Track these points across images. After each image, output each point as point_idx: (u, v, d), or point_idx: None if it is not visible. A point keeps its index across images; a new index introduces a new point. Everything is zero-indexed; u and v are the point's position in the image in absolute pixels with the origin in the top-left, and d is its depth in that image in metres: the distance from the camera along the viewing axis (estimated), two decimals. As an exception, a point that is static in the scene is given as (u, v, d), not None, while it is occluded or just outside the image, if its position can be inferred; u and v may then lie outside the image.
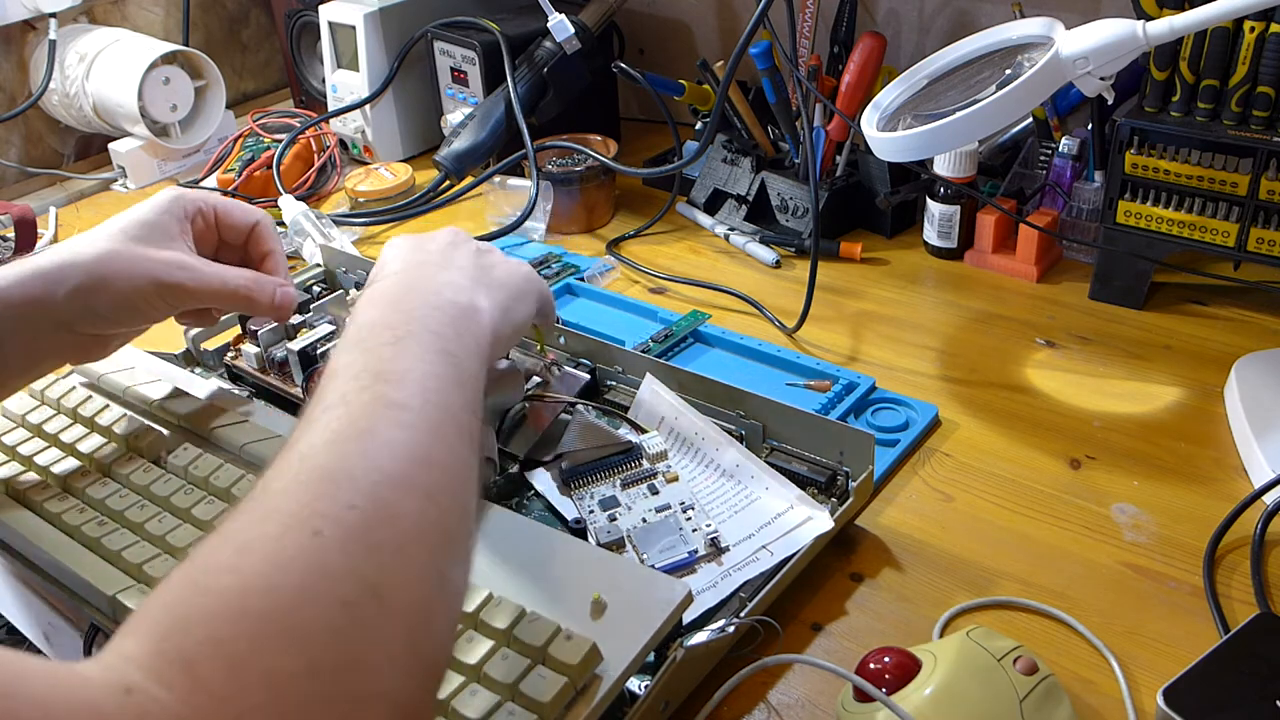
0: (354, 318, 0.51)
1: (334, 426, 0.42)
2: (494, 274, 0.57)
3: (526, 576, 0.54)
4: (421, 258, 0.56)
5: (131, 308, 0.61)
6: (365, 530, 0.37)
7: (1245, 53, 0.75)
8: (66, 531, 0.61)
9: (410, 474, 0.41)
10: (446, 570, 0.40)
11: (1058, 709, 0.51)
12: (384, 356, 0.46)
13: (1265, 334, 0.83)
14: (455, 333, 0.50)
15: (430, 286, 0.53)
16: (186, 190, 0.67)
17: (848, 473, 0.65)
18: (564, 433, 0.68)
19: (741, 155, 1.05)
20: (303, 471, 0.40)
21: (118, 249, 0.61)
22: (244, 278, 0.64)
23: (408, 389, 0.44)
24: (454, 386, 0.46)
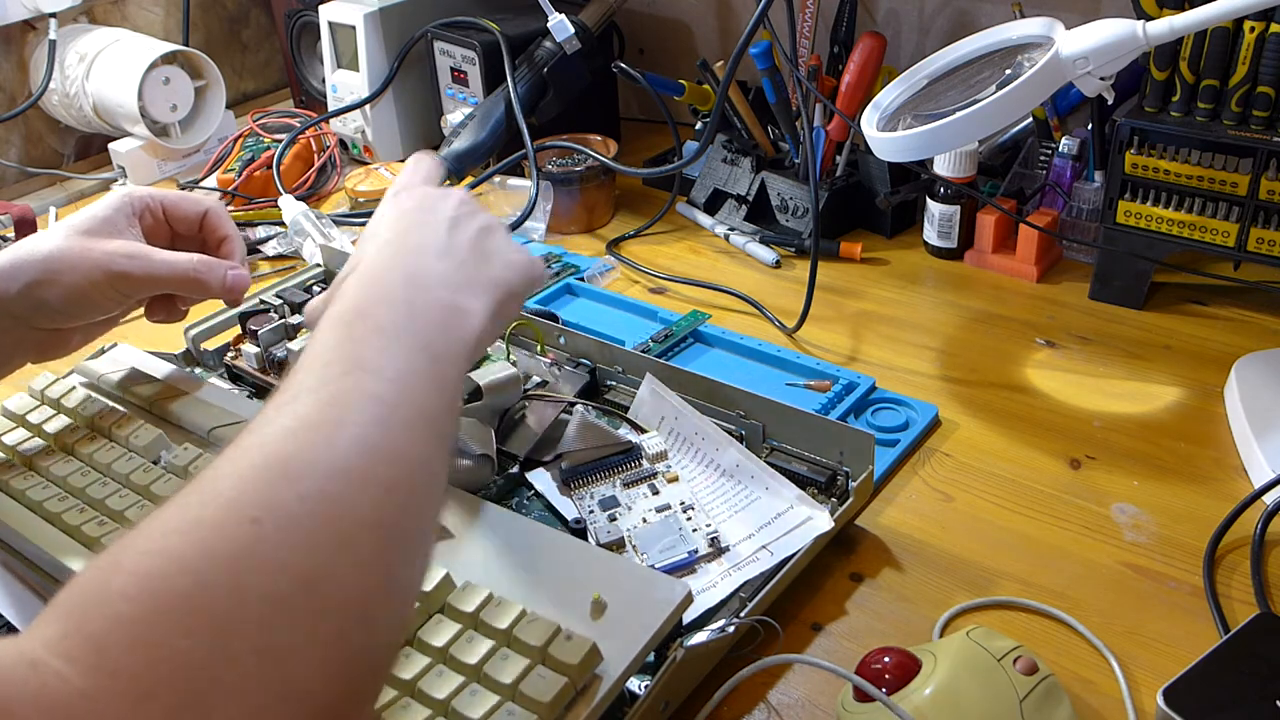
0: (342, 293, 0.49)
1: (302, 412, 0.41)
2: (491, 267, 0.55)
3: (526, 576, 0.54)
4: (420, 238, 0.53)
5: (84, 299, 0.62)
6: (309, 522, 0.36)
7: (1245, 53, 0.75)
8: (66, 531, 0.61)
9: (373, 469, 0.39)
10: (396, 569, 0.39)
11: (1058, 709, 0.51)
12: (368, 344, 0.45)
13: (1265, 334, 0.83)
14: (442, 334, 0.49)
15: (423, 278, 0.51)
16: (135, 188, 0.69)
17: (848, 473, 0.65)
18: (564, 433, 0.68)
19: (741, 155, 1.05)
20: (258, 458, 0.38)
21: (68, 243, 0.62)
22: (192, 261, 0.65)
23: (386, 382, 0.43)
24: (434, 388, 0.45)
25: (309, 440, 0.39)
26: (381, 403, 0.42)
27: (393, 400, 0.42)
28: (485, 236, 0.57)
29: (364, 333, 0.46)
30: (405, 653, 0.51)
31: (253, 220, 1.08)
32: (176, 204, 0.69)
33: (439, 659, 0.50)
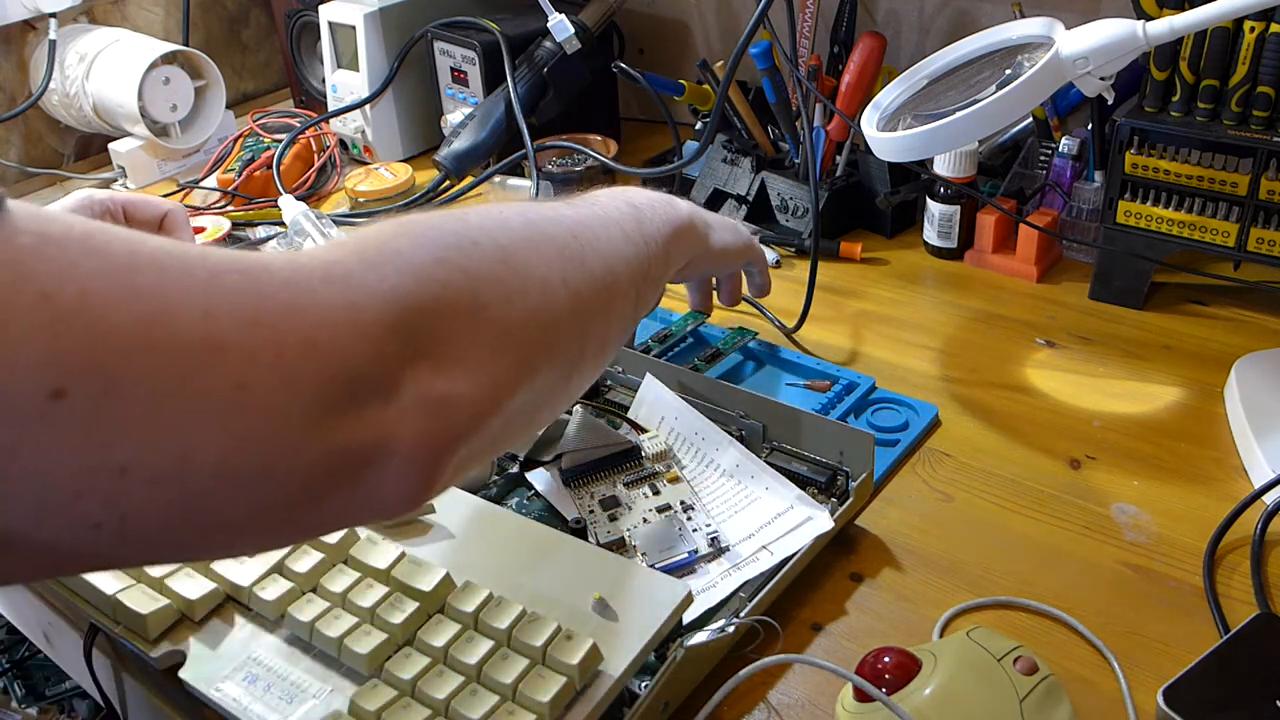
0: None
1: (572, 214, 0.48)
2: (708, 214, 0.63)
3: (526, 576, 0.54)
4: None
5: None
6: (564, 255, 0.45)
7: (1245, 53, 0.75)
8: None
9: (613, 269, 0.48)
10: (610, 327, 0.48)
11: (1058, 709, 0.51)
12: (576, 201, 0.52)
13: (1265, 334, 0.83)
14: (649, 203, 0.56)
15: (630, 192, 0.57)
16: (95, 191, 0.70)
17: (848, 473, 0.65)
18: (564, 433, 0.68)
19: (741, 155, 1.05)
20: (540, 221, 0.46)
21: None
22: None
23: (584, 210, 0.50)
24: (634, 239, 0.52)
25: (581, 229, 0.48)
26: (623, 233, 0.51)
27: (593, 226, 0.49)
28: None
29: (624, 204, 0.54)
30: (405, 653, 0.51)
31: (253, 220, 1.08)
32: (136, 206, 0.71)
33: (439, 659, 0.50)
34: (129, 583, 0.58)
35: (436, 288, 0.38)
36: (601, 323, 0.47)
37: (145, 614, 0.54)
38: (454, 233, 0.41)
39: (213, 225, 1.03)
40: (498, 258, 0.41)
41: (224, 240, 1.02)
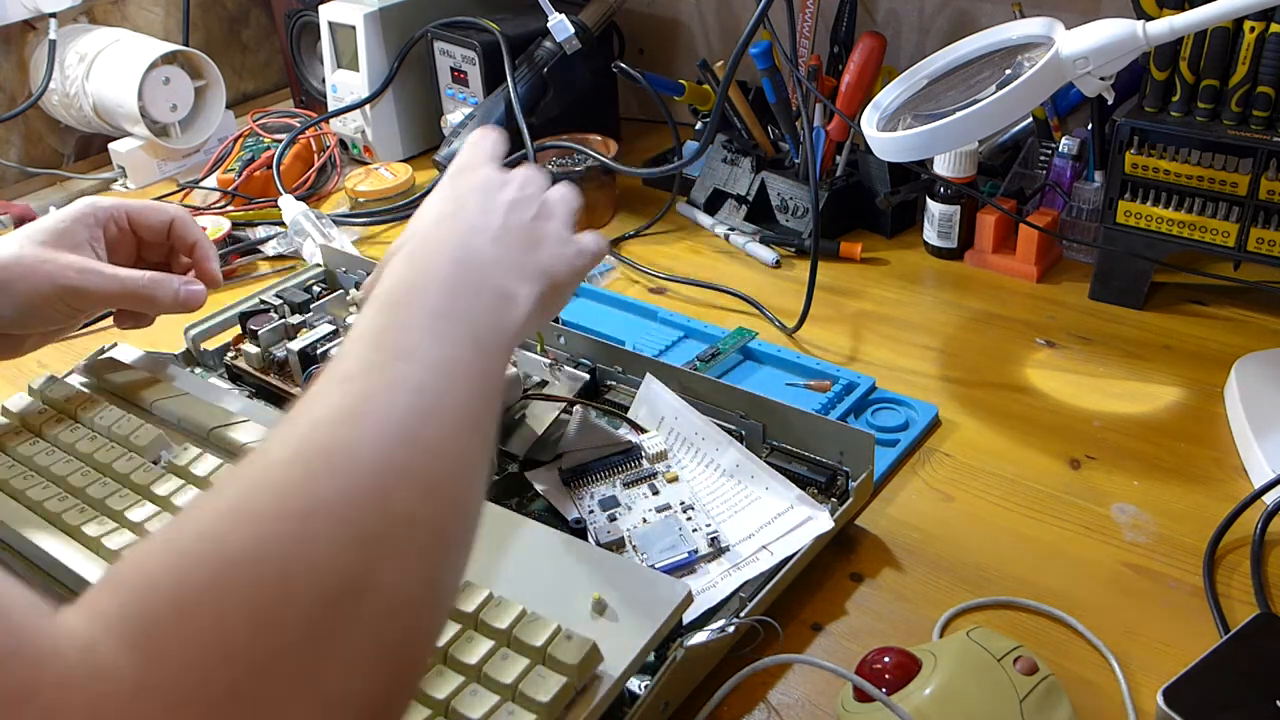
0: (391, 270, 0.49)
1: (349, 400, 0.40)
2: (541, 257, 0.55)
3: (526, 576, 0.54)
4: (474, 219, 0.53)
5: (34, 311, 0.63)
6: (356, 518, 0.36)
7: (1245, 53, 0.75)
8: (67, 532, 0.61)
9: (417, 465, 0.39)
10: (437, 572, 0.39)
11: (1058, 709, 0.51)
12: (411, 330, 0.45)
13: (1265, 334, 0.83)
14: (489, 321, 0.48)
15: (473, 260, 0.51)
16: (99, 199, 0.68)
17: (848, 473, 0.65)
18: (564, 433, 0.68)
19: (741, 155, 1.05)
20: (307, 444, 0.38)
21: (21, 254, 0.63)
22: (142, 279, 0.65)
23: (429, 373, 0.43)
24: (477, 377, 0.45)
25: (354, 431, 0.39)
26: (425, 393, 0.42)
27: (436, 390, 0.42)
28: (541, 222, 0.57)
29: (410, 317, 0.46)
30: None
31: (253, 220, 1.08)
32: (141, 213, 0.69)
33: (439, 659, 0.50)
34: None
35: (273, 703, 0.32)
36: (456, 574, 0.41)
37: (145, 614, 0.54)
38: (301, 593, 0.33)
39: (213, 225, 1.03)
40: (349, 611, 0.34)
41: (224, 240, 1.02)
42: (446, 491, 0.40)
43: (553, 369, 0.74)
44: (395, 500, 0.38)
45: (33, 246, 0.63)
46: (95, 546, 0.60)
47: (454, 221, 0.53)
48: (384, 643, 0.35)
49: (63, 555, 0.60)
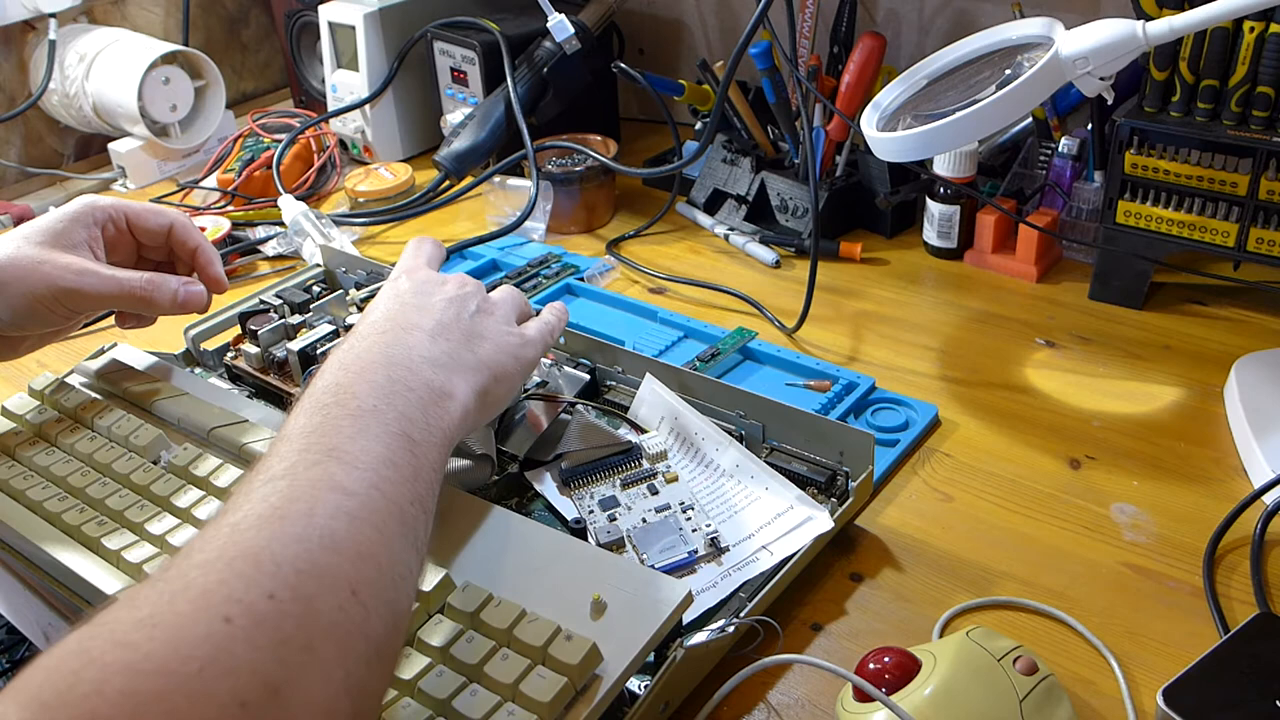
0: (322, 374, 0.49)
1: (272, 501, 0.40)
2: (481, 350, 0.55)
3: (526, 576, 0.54)
4: (412, 318, 0.53)
5: (30, 312, 0.62)
6: (278, 623, 0.36)
7: (1245, 53, 0.75)
8: (67, 531, 0.61)
9: (339, 567, 0.39)
10: (361, 673, 0.38)
11: (1058, 709, 0.51)
12: (342, 429, 0.44)
13: (1265, 334, 0.83)
14: (423, 417, 0.48)
15: (409, 360, 0.50)
16: (98, 198, 0.67)
17: (848, 473, 0.65)
18: (564, 433, 0.68)
19: (741, 155, 1.05)
20: (229, 547, 0.38)
21: (18, 255, 0.62)
22: (140, 280, 0.65)
23: (358, 473, 0.42)
24: (408, 477, 0.44)
25: (278, 532, 0.38)
26: (352, 496, 0.41)
27: (363, 494, 0.42)
28: (481, 318, 0.57)
29: (340, 416, 0.45)
30: (405, 652, 0.51)
31: (253, 220, 1.08)
32: (140, 215, 0.68)
33: (439, 659, 0.50)
34: (129, 582, 0.58)
35: None
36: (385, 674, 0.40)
37: (145, 614, 0.54)
38: (219, 696, 0.33)
39: (213, 225, 1.03)
40: (269, 716, 0.34)
41: (224, 240, 1.02)
42: (371, 596, 0.39)
43: (553, 369, 0.74)
44: (317, 605, 0.37)
45: (30, 247, 0.63)
46: (94, 546, 0.60)
47: (392, 320, 0.53)
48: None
49: (63, 556, 0.60)
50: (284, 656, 0.35)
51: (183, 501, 0.62)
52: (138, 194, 1.21)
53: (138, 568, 0.58)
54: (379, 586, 0.40)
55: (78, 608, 0.60)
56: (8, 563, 0.65)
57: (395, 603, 0.41)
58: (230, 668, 0.34)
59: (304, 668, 0.35)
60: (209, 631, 0.34)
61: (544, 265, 0.97)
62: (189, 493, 0.62)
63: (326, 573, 0.38)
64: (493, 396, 0.55)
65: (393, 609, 0.41)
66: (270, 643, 0.35)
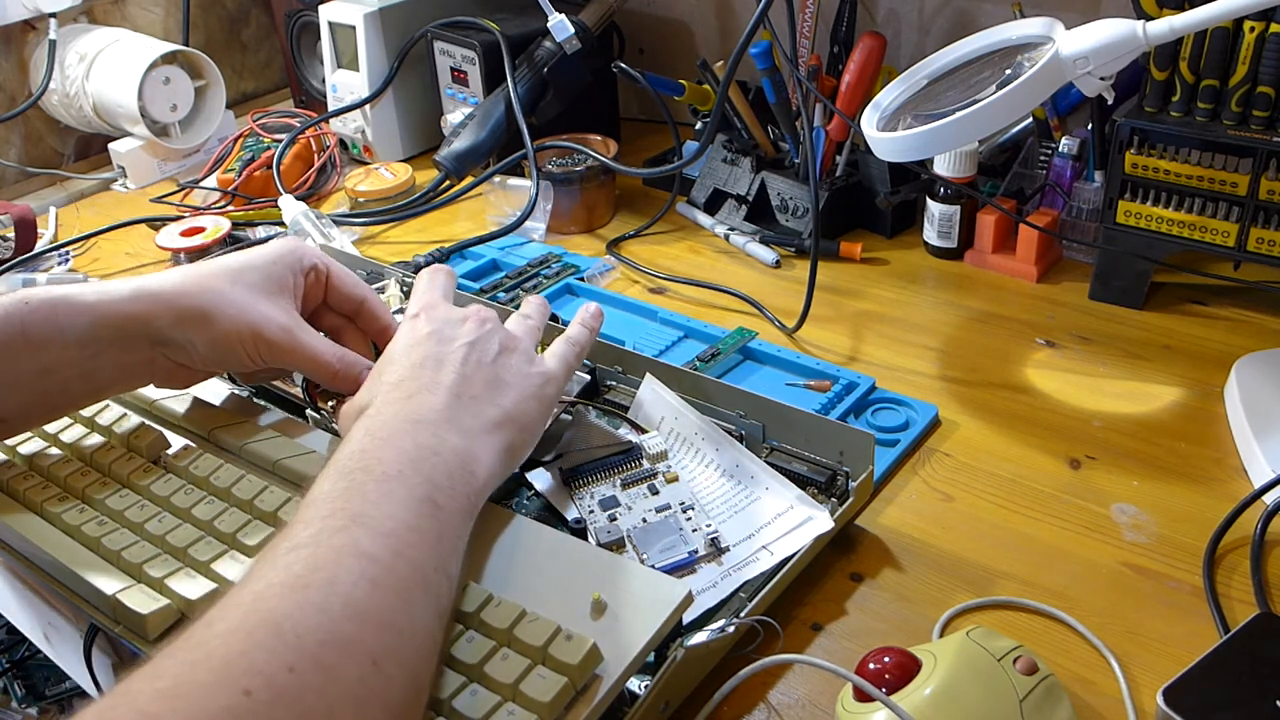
0: (349, 440, 0.49)
1: (295, 570, 0.40)
2: (505, 401, 0.55)
3: (526, 576, 0.54)
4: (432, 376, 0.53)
5: (227, 350, 0.61)
6: (298, 696, 0.35)
7: (1245, 53, 0.75)
8: (67, 531, 0.61)
9: (361, 637, 0.39)
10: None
11: (1058, 709, 0.51)
12: (367, 495, 0.44)
13: (1265, 334, 0.83)
14: (449, 483, 0.48)
15: (434, 425, 0.50)
16: (307, 246, 0.66)
17: (848, 473, 0.65)
18: (564, 433, 0.68)
19: (741, 155, 1.05)
20: (251, 615, 0.38)
21: (229, 291, 0.60)
22: (333, 360, 0.63)
23: (382, 539, 0.42)
24: (433, 542, 0.44)
25: (301, 601, 0.38)
26: (376, 562, 0.41)
27: (388, 560, 0.42)
28: (503, 359, 0.57)
29: (365, 481, 0.45)
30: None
31: (253, 220, 1.08)
32: (340, 280, 0.66)
33: (439, 659, 0.50)
34: (129, 583, 0.58)
35: None
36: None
37: (145, 614, 0.54)
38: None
39: (213, 225, 1.03)
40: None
41: (224, 240, 1.02)
42: (392, 665, 0.39)
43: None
44: (338, 676, 0.37)
45: (240, 286, 0.61)
46: (94, 546, 0.60)
47: (414, 380, 0.53)
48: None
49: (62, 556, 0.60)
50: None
51: (183, 502, 0.62)
52: (138, 194, 1.21)
53: (138, 567, 0.58)
54: (401, 655, 0.40)
55: (78, 608, 0.60)
56: (7, 563, 0.65)
57: (417, 672, 0.41)
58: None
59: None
60: (229, 704, 0.34)
61: (544, 265, 0.97)
62: (190, 493, 0.62)
63: (348, 643, 0.38)
64: (517, 448, 0.56)
65: (414, 678, 0.41)
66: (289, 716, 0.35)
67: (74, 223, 1.16)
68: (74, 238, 1.09)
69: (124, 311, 0.58)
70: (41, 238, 1.09)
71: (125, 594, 0.57)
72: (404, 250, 1.04)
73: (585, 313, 0.67)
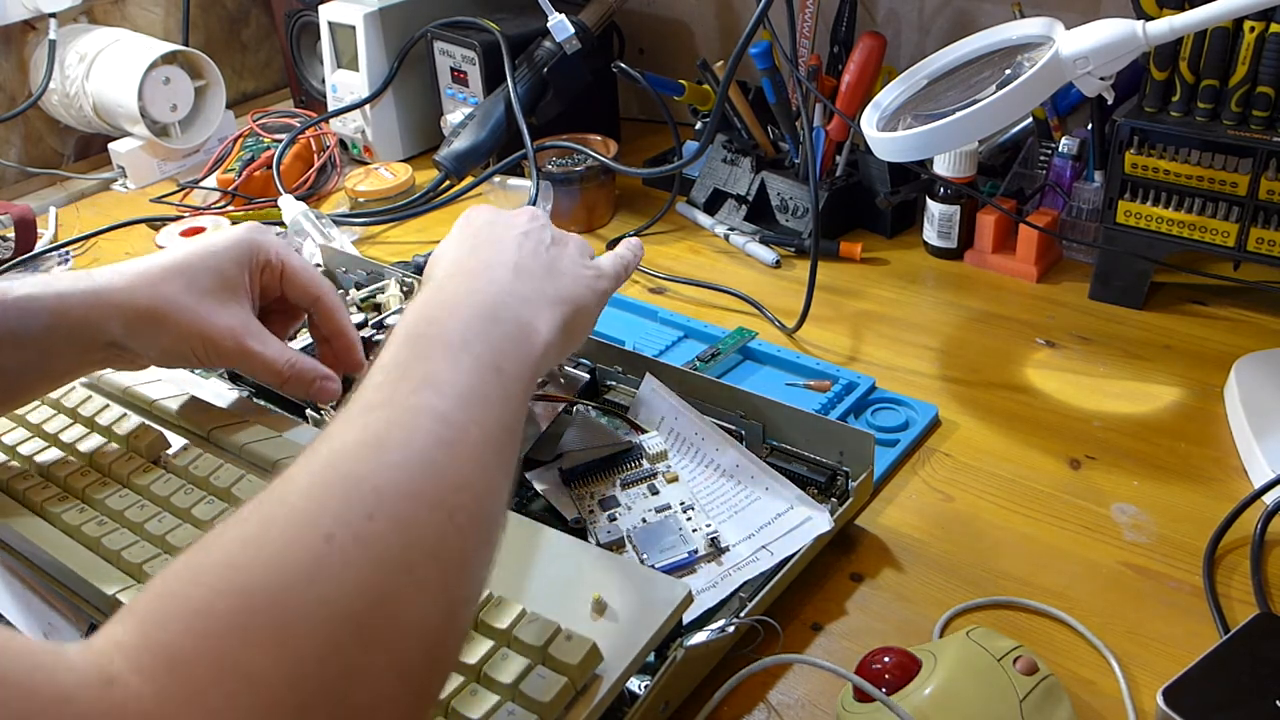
0: (411, 310, 0.50)
1: (372, 429, 0.41)
2: (561, 282, 0.56)
3: (526, 576, 0.54)
4: (490, 254, 0.55)
5: (177, 354, 0.62)
6: (379, 544, 0.36)
7: (1245, 53, 0.75)
8: (66, 531, 0.61)
9: (438, 493, 0.39)
10: (457, 596, 0.39)
11: (1058, 709, 0.51)
12: (435, 361, 0.45)
13: (1265, 334, 0.83)
14: (513, 349, 0.49)
15: (492, 293, 0.52)
16: (267, 238, 0.65)
17: (848, 473, 0.65)
18: (564, 433, 0.68)
19: (741, 155, 1.05)
20: (329, 471, 0.39)
21: (180, 297, 0.61)
22: (285, 368, 0.63)
23: (453, 402, 0.43)
24: (499, 405, 0.46)
25: (379, 458, 0.39)
26: (449, 425, 0.42)
27: (459, 420, 0.43)
28: (557, 251, 0.58)
29: (432, 348, 0.46)
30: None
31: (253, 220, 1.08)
32: (295, 274, 0.66)
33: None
34: (129, 583, 0.58)
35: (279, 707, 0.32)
36: (476, 597, 0.41)
37: (145, 614, 0.54)
38: (322, 612, 0.34)
39: (212, 225, 1.03)
40: (373, 632, 0.35)
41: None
42: (467, 520, 0.40)
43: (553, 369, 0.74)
44: (417, 527, 0.38)
45: (192, 295, 0.61)
46: (94, 546, 0.60)
47: (472, 258, 0.54)
48: (406, 666, 0.35)
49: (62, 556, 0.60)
50: (386, 575, 0.36)
51: (183, 502, 0.62)
52: (138, 194, 1.21)
53: (138, 567, 0.58)
54: (474, 511, 0.41)
55: (78, 607, 0.60)
56: (7, 563, 0.65)
57: (491, 530, 0.42)
58: (334, 585, 0.35)
59: (406, 587, 0.36)
60: (312, 549, 0.35)
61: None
62: (190, 493, 0.62)
63: (425, 498, 0.39)
64: (574, 329, 0.56)
65: (488, 535, 0.42)
66: (371, 561, 0.36)
67: (74, 223, 1.16)
68: (74, 238, 1.09)
69: (77, 317, 0.59)
70: (41, 238, 1.09)
71: (125, 594, 0.57)
72: (404, 250, 1.04)
73: (628, 242, 0.68)
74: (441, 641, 0.38)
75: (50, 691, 0.29)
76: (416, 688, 0.36)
